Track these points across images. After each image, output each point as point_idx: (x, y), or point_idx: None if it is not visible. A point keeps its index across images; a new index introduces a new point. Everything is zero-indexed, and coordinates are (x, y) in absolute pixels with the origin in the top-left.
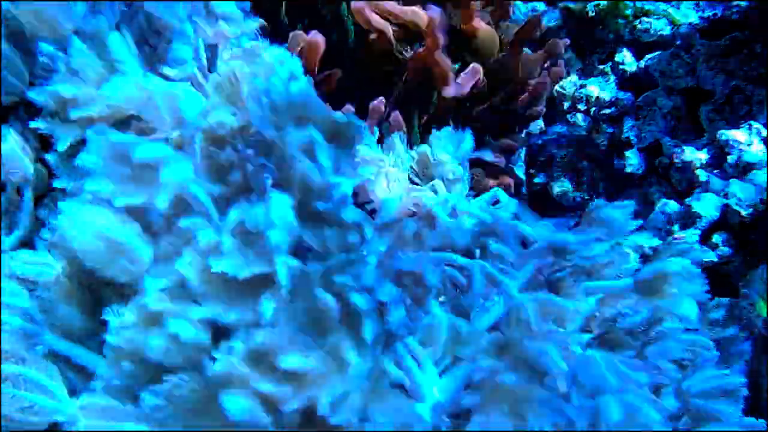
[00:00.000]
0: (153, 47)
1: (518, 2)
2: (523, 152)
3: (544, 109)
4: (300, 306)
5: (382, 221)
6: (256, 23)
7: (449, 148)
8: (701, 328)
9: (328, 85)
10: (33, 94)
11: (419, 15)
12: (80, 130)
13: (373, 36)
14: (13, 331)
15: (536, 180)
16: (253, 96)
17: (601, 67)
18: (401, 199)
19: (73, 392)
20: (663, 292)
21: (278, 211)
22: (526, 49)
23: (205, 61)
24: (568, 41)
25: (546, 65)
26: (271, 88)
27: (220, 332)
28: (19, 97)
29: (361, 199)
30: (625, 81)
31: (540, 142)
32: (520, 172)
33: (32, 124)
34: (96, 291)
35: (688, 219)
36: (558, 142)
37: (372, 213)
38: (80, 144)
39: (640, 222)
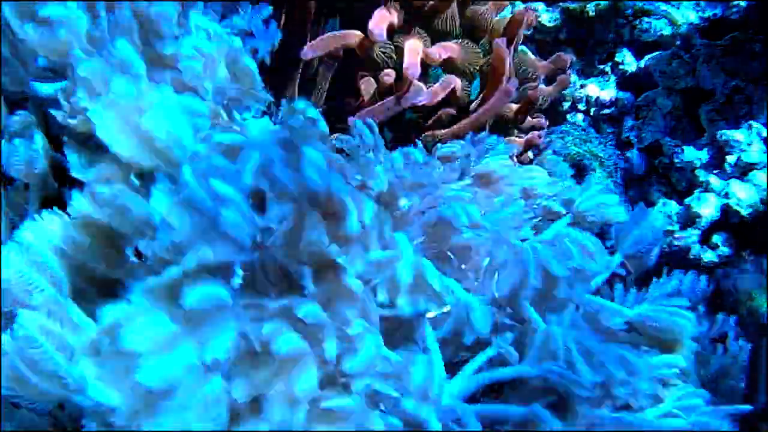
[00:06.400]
0: None
1: (518, 2)
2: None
3: (547, 122)
4: None
5: None
6: None
7: None
8: None
9: None
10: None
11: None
12: None
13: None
14: None
15: None
16: None
17: (601, 67)
18: None
19: None
20: None
21: None
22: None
23: None
24: (574, 57)
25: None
26: None
27: None
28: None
29: None
30: (625, 81)
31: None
32: None
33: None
34: None
35: (688, 219)
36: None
37: None
38: None
39: None
